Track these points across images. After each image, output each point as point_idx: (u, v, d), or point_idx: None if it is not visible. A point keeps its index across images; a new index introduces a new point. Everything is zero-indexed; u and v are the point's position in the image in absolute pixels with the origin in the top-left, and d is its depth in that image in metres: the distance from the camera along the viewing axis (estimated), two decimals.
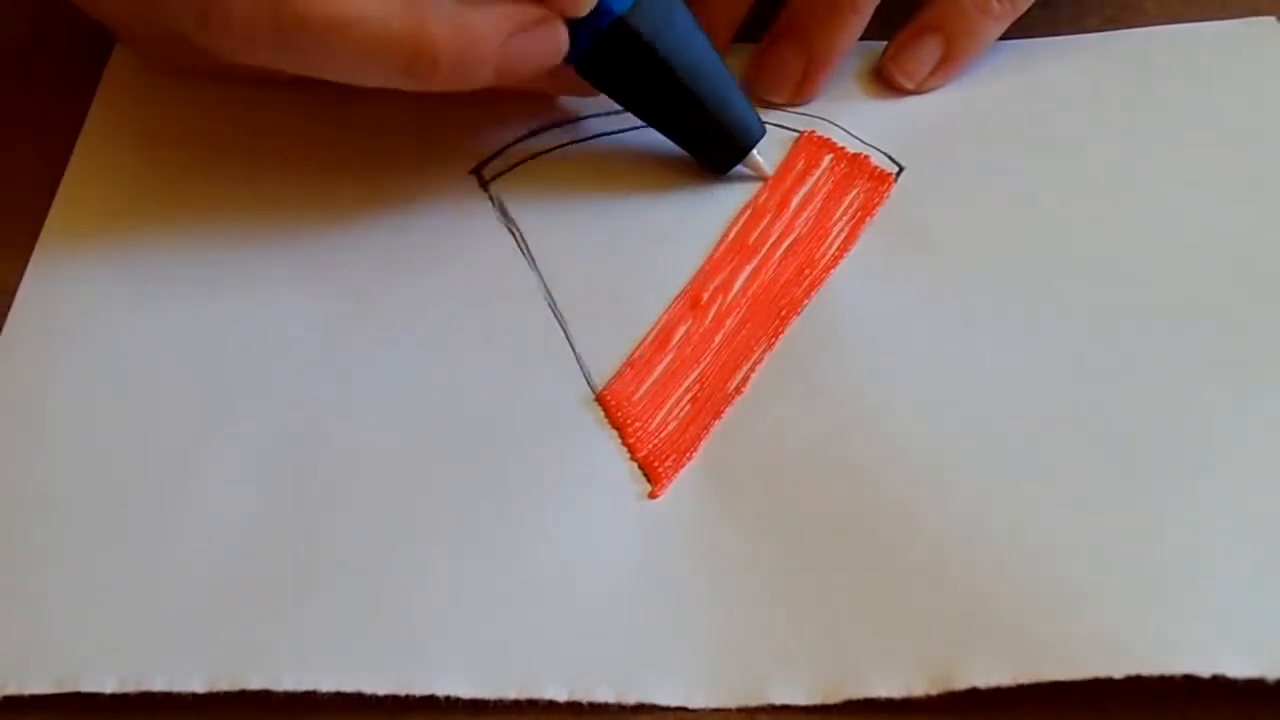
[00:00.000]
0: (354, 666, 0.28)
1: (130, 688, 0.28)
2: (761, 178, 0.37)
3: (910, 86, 0.40)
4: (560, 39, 0.33)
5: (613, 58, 0.35)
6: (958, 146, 0.38)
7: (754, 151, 0.37)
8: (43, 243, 0.37)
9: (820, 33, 0.38)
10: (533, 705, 0.27)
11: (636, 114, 0.37)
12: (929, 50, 0.39)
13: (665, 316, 0.35)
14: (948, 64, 0.39)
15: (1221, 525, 0.29)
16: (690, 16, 0.35)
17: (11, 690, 0.28)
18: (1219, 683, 0.26)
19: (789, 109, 0.39)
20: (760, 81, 0.40)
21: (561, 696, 0.27)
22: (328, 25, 0.31)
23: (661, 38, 0.34)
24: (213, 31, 0.32)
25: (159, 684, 0.28)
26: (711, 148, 0.37)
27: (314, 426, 0.32)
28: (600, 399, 0.33)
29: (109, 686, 0.28)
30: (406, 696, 0.27)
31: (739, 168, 0.37)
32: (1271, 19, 0.41)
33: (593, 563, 0.29)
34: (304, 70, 0.33)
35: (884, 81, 0.40)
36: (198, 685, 0.28)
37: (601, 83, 0.36)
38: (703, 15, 0.39)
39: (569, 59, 0.34)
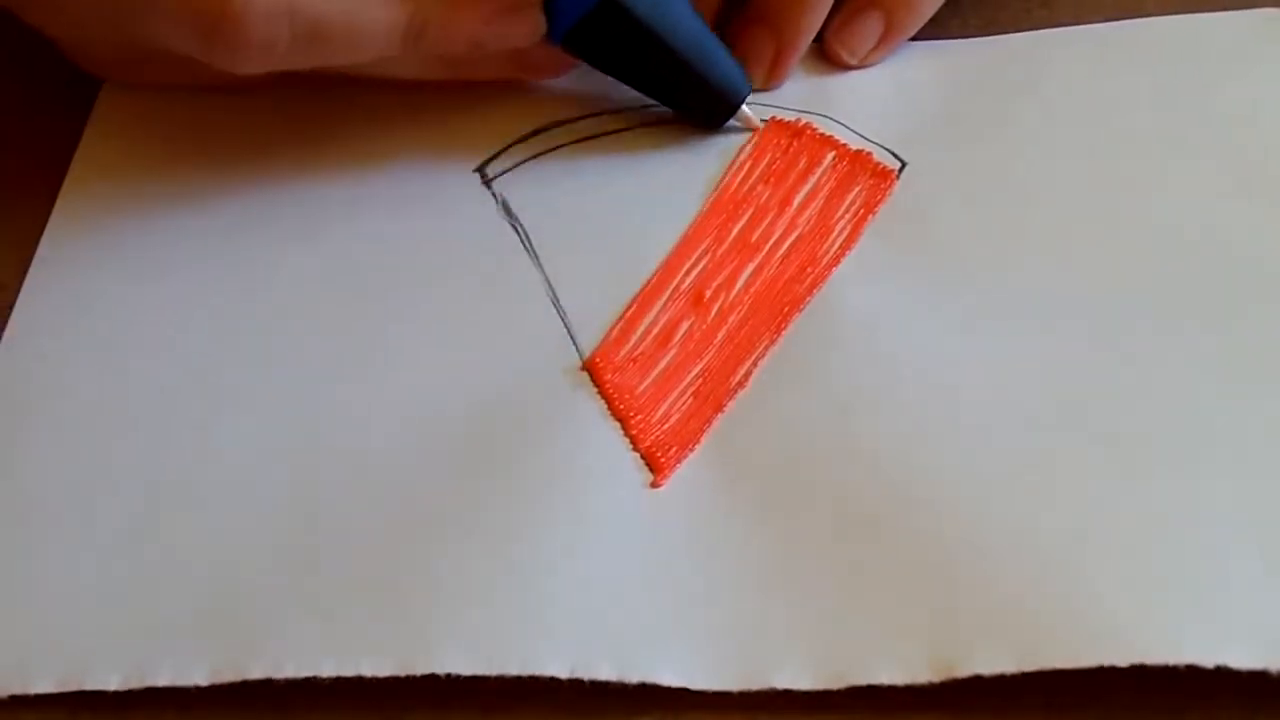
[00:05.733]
0: (355, 649, 0.28)
1: (134, 684, 0.28)
2: (752, 129, 0.38)
3: (853, 62, 0.40)
4: (538, 18, 0.35)
5: (600, 31, 0.35)
6: (960, 141, 0.38)
7: (743, 105, 0.38)
8: (46, 240, 0.37)
9: (788, 16, 0.39)
10: (535, 691, 0.27)
11: (624, 81, 0.37)
12: (871, 25, 0.40)
13: (668, 313, 0.35)
14: (889, 38, 0.40)
15: (1227, 517, 0.29)
16: None
17: (15, 691, 0.28)
18: (1222, 675, 0.26)
19: (789, 105, 0.39)
20: None
21: (563, 673, 0.27)
22: (340, 18, 0.33)
23: (647, 6, 0.35)
24: (223, 47, 0.32)
25: (162, 679, 0.28)
26: (702, 107, 0.38)
27: (315, 421, 0.32)
28: (589, 365, 0.33)
29: (113, 684, 0.28)
30: (408, 678, 0.27)
31: (730, 122, 0.38)
32: (1277, 10, 0.40)
33: (595, 547, 0.29)
34: (317, 65, 0.34)
35: (827, 57, 0.40)
36: (200, 678, 0.28)
37: (588, 55, 0.37)
38: None
39: (553, 36, 0.35)
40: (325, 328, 0.35)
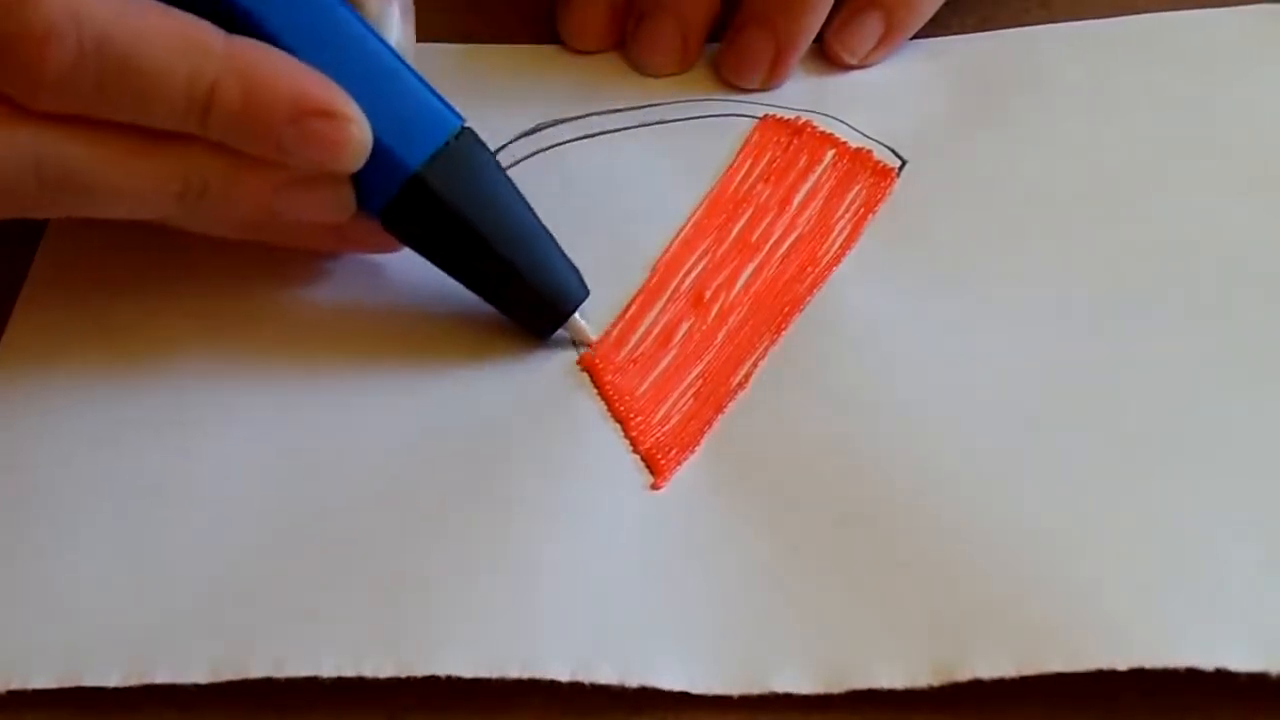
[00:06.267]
0: (355, 649, 0.28)
1: (134, 681, 0.28)
2: (585, 343, 0.34)
3: (853, 62, 0.40)
4: (342, 193, 0.31)
5: (413, 214, 0.32)
6: (960, 138, 0.38)
7: (576, 315, 0.33)
8: (46, 240, 0.37)
9: (788, 17, 0.39)
10: (535, 691, 0.27)
11: (447, 272, 0.33)
12: (870, 25, 0.40)
13: (668, 313, 0.35)
14: (889, 37, 0.40)
15: (1227, 519, 0.29)
16: (499, 169, 0.33)
17: (15, 685, 0.28)
18: (1222, 678, 0.26)
19: (789, 105, 0.39)
20: (730, 69, 0.40)
21: (564, 676, 0.27)
22: (93, 169, 0.29)
23: (464, 196, 0.31)
24: None
25: (162, 676, 0.28)
26: (528, 312, 0.33)
27: (316, 420, 0.32)
28: (588, 366, 0.33)
29: (112, 680, 0.28)
30: (408, 678, 0.27)
31: (561, 332, 0.34)
32: (1276, 7, 0.40)
33: (596, 549, 0.29)
34: (89, 216, 0.31)
35: (827, 57, 0.40)
36: (200, 676, 0.27)
37: (407, 237, 0.33)
38: (675, 15, 0.39)
39: (369, 211, 0.32)
40: (325, 327, 0.35)
